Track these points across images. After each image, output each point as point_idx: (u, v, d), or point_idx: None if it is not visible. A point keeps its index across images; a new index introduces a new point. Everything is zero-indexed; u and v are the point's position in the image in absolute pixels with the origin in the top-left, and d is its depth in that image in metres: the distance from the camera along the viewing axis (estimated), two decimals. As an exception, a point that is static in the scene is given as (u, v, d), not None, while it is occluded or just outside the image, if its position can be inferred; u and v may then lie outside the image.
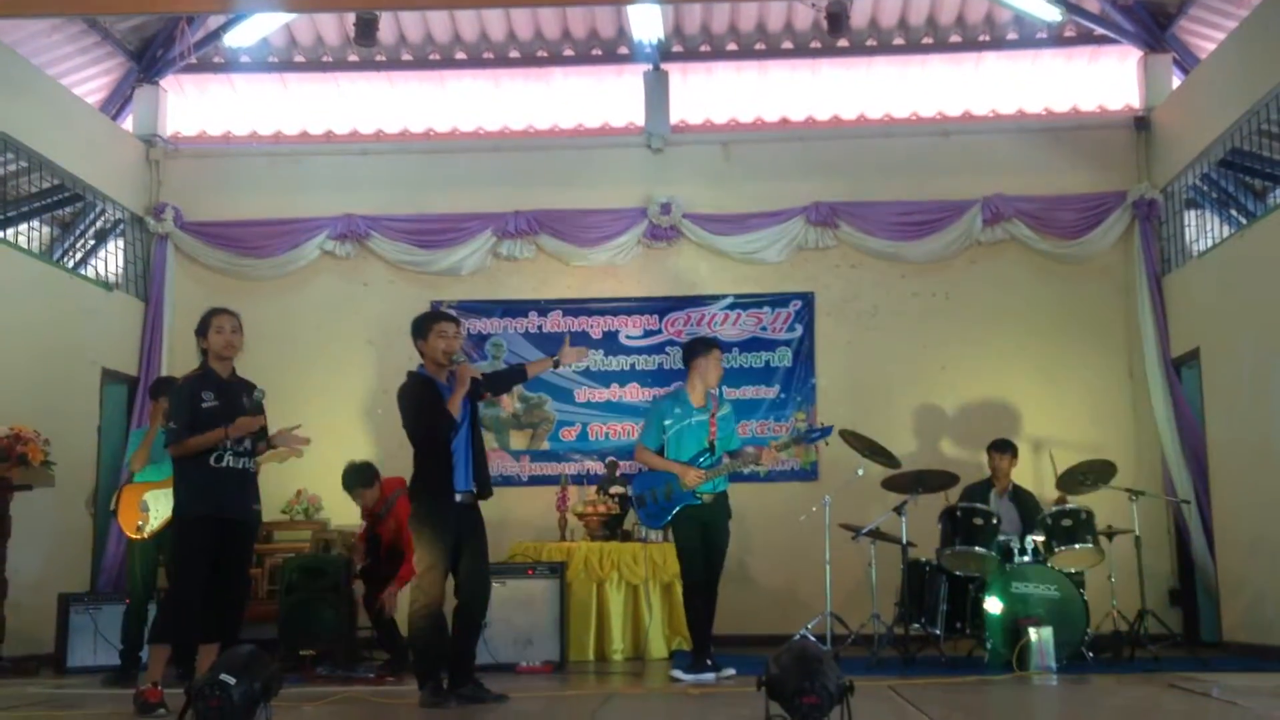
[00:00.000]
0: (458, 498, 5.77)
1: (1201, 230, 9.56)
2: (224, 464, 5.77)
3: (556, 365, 6.50)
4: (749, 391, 9.97)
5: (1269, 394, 8.06)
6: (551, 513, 8.96)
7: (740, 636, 8.64)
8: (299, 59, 10.95)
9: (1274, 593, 8.02)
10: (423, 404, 5.81)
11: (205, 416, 5.78)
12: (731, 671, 6.81)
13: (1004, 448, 8.57)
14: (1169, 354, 9.55)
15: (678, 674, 6.88)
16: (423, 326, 6.02)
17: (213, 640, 5.68)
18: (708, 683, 6.67)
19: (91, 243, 10.15)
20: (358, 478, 7.82)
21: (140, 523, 7.26)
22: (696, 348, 7.34)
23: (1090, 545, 7.65)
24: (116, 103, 10.74)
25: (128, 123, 10.73)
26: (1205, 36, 9.97)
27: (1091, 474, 8.13)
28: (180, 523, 5.86)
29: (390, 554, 7.63)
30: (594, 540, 8.55)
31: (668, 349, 10.04)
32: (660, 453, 7.07)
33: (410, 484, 5.91)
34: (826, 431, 7.43)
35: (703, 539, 6.98)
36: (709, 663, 6.86)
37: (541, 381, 10.06)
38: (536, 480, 9.92)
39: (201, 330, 6.01)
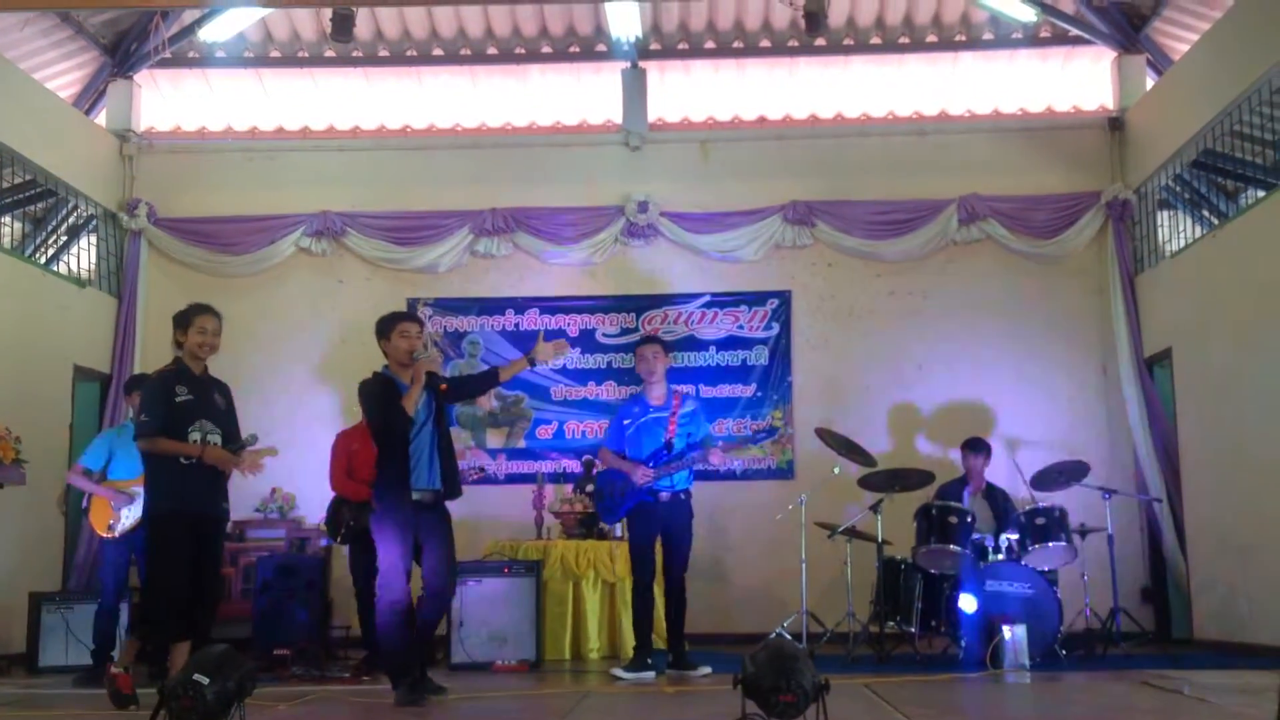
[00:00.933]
0: (415, 495, 5.76)
1: (1174, 231, 9.64)
2: (192, 462, 5.76)
3: (532, 364, 6.38)
4: (725, 390, 9.98)
5: (1240, 393, 8.14)
6: (528, 511, 8.95)
7: (716, 635, 8.68)
8: (275, 54, 10.88)
9: (1244, 590, 8.09)
10: (380, 401, 5.83)
11: (179, 411, 5.78)
12: (708, 670, 6.81)
13: (977, 447, 8.60)
14: (1141, 353, 9.63)
15: (618, 672, 6.91)
16: (385, 327, 6.05)
17: (185, 639, 5.66)
18: (646, 681, 6.70)
19: (64, 239, 10.06)
20: None
21: (112, 522, 7.23)
22: None
23: (1063, 543, 7.71)
24: (90, 97, 10.65)
25: (101, 118, 10.66)
26: (1178, 38, 10.05)
27: (1065, 473, 8.18)
28: (154, 521, 5.84)
29: None
30: (570, 539, 8.54)
31: (645, 347, 10.04)
32: (624, 454, 7.09)
33: (373, 482, 5.93)
34: (772, 433, 7.46)
35: (663, 538, 7.02)
36: (648, 661, 6.88)
37: (518, 379, 9.98)
38: (513, 478, 9.90)
39: (182, 325, 6.00)
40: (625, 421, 7.16)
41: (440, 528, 5.87)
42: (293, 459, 8.62)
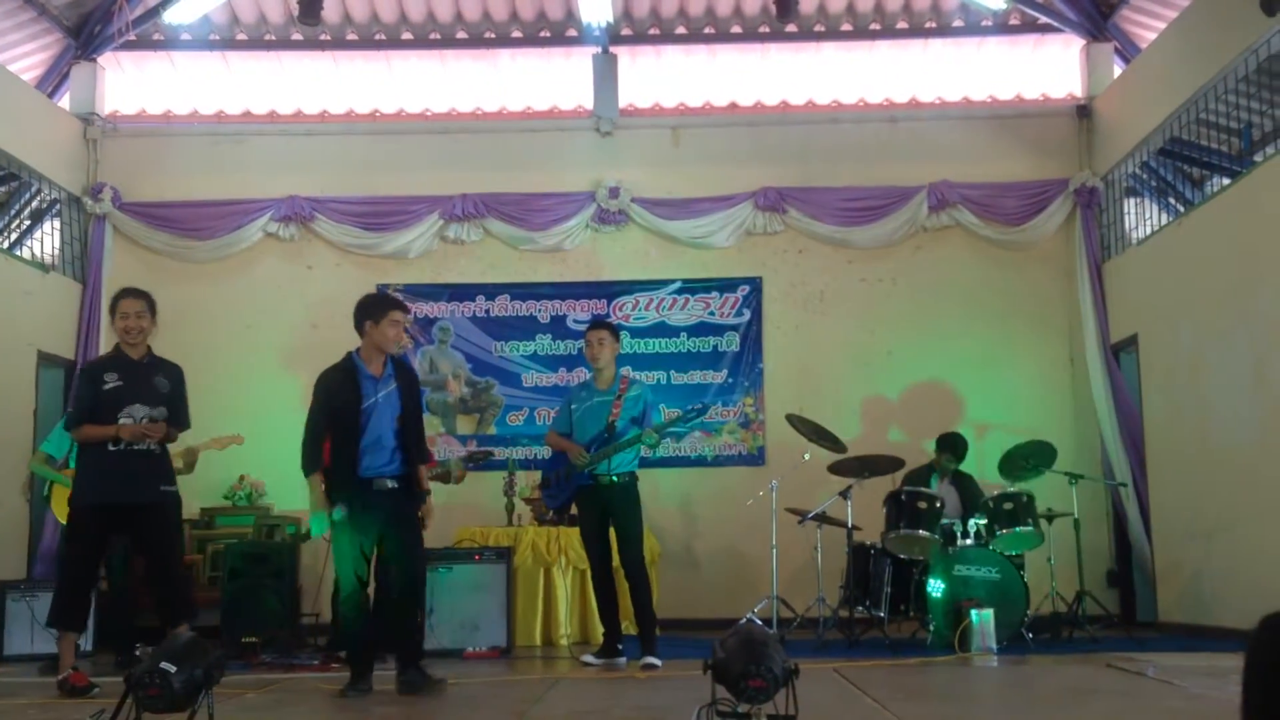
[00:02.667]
0: (373, 484, 5.69)
1: (1141, 218, 9.72)
2: (121, 447, 5.70)
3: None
4: (696, 376, 10.00)
5: (1205, 379, 8.22)
6: (499, 497, 8.92)
7: (687, 620, 8.70)
8: (241, 37, 10.76)
9: (1208, 574, 8.19)
10: (320, 393, 5.80)
11: (106, 398, 5.72)
12: (654, 662, 6.65)
13: (954, 450, 8.53)
14: (1108, 339, 9.71)
15: (588, 658, 6.91)
16: (376, 310, 5.86)
17: (77, 630, 5.68)
18: (616, 667, 6.70)
19: (27, 223, 9.94)
20: None
21: (74, 509, 7.14)
22: None
23: (1030, 528, 7.77)
24: (53, 80, 10.50)
25: (64, 101, 10.51)
26: (1146, 26, 10.11)
27: (1032, 458, 8.25)
28: (70, 510, 5.82)
29: None
30: (541, 525, 8.53)
31: (616, 333, 10.02)
32: (569, 438, 7.05)
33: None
34: (703, 411, 7.37)
35: (610, 524, 6.91)
36: (618, 647, 6.88)
37: (489, 366, 10.04)
38: (485, 464, 9.84)
39: (111, 312, 5.96)
40: (573, 406, 7.11)
41: (401, 515, 5.77)
42: (261, 446, 8.57)
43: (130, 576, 7.07)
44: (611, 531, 6.93)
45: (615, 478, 6.85)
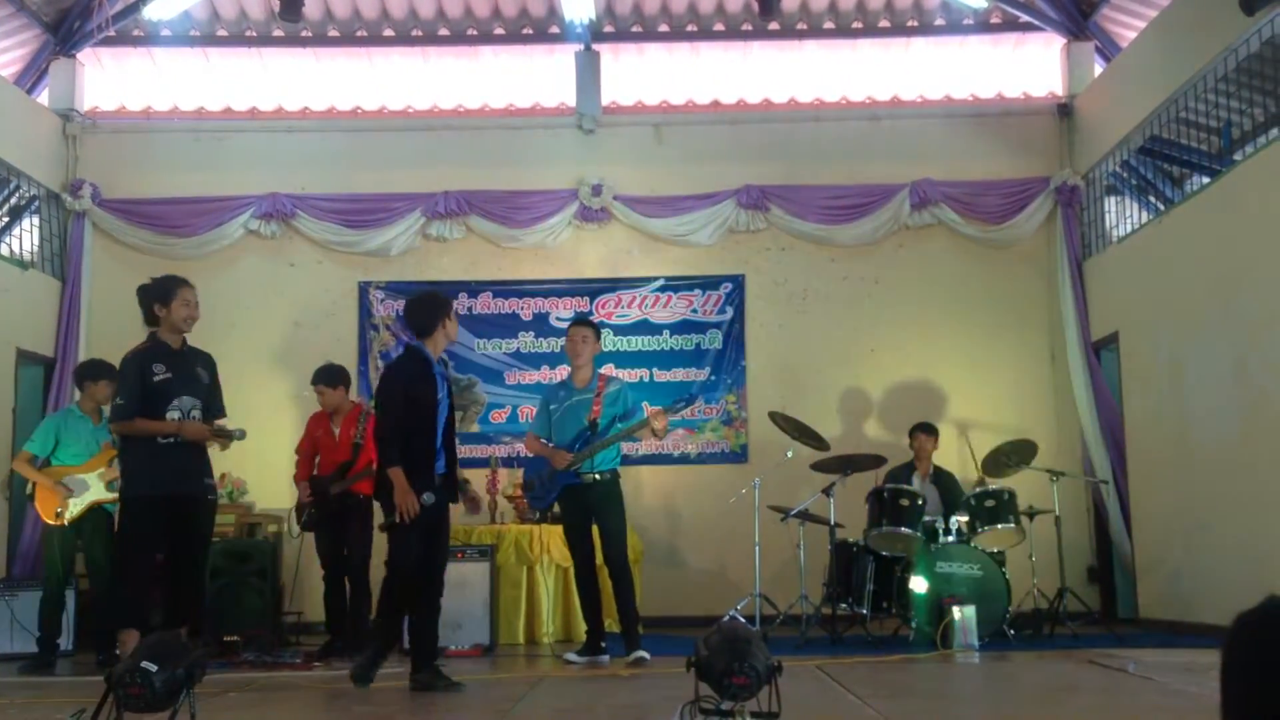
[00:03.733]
0: (437, 481, 5.64)
1: (1121, 216, 9.77)
2: (171, 439, 5.71)
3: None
4: (679, 374, 10.00)
5: (1185, 376, 8.27)
6: (481, 495, 8.91)
7: (670, 618, 8.71)
8: (222, 33, 10.70)
9: (1188, 570, 8.24)
10: (400, 385, 5.65)
11: (156, 390, 5.71)
12: (643, 655, 6.66)
13: (929, 430, 8.70)
14: (1089, 337, 9.76)
15: (571, 656, 6.91)
16: (449, 306, 5.88)
17: (176, 625, 5.61)
18: (600, 665, 6.70)
19: (6, 220, 9.87)
20: (326, 374, 7.75)
21: (59, 509, 7.11)
22: None
23: (1012, 525, 7.81)
24: (32, 76, 10.43)
25: (43, 97, 10.43)
26: (1126, 25, 10.16)
27: (1014, 455, 8.29)
28: (125, 503, 5.83)
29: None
30: (524, 523, 8.53)
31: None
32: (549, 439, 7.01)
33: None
34: (691, 400, 7.35)
35: (593, 522, 6.89)
36: (601, 645, 6.88)
37: (472, 364, 10.02)
38: (466, 463, 9.80)
39: (163, 298, 5.92)
40: (551, 406, 7.08)
41: (444, 516, 5.75)
42: (243, 444, 8.52)
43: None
44: (594, 529, 6.93)
45: (598, 475, 6.84)
